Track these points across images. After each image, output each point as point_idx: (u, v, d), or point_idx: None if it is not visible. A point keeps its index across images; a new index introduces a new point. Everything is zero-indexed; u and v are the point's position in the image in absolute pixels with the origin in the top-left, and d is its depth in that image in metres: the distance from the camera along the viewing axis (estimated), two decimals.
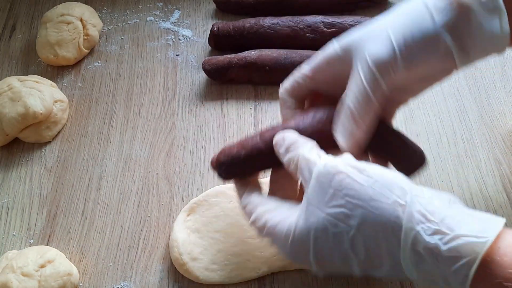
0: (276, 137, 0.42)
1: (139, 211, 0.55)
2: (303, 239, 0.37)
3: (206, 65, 0.63)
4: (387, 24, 0.40)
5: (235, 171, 0.46)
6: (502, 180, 0.54)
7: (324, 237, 0.36)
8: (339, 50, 0.42)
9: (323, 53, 0.43)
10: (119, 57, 0.68)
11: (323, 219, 0.36)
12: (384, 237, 0.34)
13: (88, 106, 0.64)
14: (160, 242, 0.52)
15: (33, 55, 0.69)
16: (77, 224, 0.54)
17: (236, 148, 0.45)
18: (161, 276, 0.50)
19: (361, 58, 0.40)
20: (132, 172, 0.58)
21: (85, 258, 0.52)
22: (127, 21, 0.72)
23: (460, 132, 0.58)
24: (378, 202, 0.34)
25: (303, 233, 0.37)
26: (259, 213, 0.41)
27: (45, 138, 0.60)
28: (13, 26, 0.73)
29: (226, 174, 0.46)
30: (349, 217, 0.35)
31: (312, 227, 0.36)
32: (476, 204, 0.53)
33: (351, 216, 0.35)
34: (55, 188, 0.57)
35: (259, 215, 0.40)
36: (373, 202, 0.34)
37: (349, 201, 0.35)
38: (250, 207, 0.42)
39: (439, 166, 0.56)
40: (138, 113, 0.63)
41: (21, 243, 0.53)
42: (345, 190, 0.35)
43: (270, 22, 0.65)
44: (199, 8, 0.73)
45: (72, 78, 0.67)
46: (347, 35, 0.42)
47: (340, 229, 0.35)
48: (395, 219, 0.34)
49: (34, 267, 0.47)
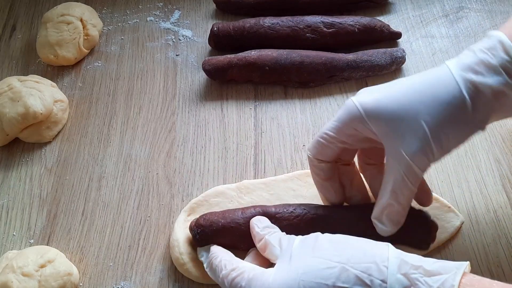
0: (253, 219, 0.46)
1: (139, 211, 0.55)
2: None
3: (206, 65, 0.63)
4: (418, 106, 0.40)
5: (210, 238, 0.48)
6: (502, 180, 0.54)
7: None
8: (364, 116, 0.41)
9: (344, 115, 0.43)
10: (119, 57, 0.69)
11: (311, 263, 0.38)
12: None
13: (88, 106, 0.64)
14: (160, 242, 0.52)
15: (33, 55, 0.69)
16: (77, 224, 0.54)
17: (216, 216, 0.48)
18: (161, 276, 0.50)
19: (395, 153, 0.40)
20: (132, 172, 0.58)
21: (85, 258, 0.52)
22: (127, 21, 0.72)
23: None
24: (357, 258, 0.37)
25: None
26: (236, 264, 0.42)
27: (45, 138, 0.60)
28: (13, 26, 0.73)
29: (201, 238, 0.48)
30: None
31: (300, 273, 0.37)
32: (476, 204, 0.53)
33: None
34: (55, 188, 0.57)
35: (237, 266, 0.41)
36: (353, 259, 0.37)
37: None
38: (225, 258, 0.44)
39: (439, 166, 0.56)
40: (138, 113, 0.63)
41: (21, 243, 0.53)
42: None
43: (270, 22, 0.65)
44: (199, 8, 0.73)
45: (72, 78, 0.67)
46: (369, 97, 0.42)
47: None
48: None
49: (34, 267, 0.47)
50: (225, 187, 0.54)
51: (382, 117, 0.40)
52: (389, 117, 0.40)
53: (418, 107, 0.39)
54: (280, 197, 0.53)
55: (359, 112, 0.41)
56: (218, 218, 0.48)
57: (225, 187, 0.54)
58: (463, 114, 0.39)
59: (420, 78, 0.41)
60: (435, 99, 0.39)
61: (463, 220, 0.51)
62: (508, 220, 0.51)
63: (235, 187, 0.54)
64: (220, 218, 0.48)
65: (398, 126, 0.40)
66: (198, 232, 0.48)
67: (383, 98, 0.41)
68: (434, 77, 0.40)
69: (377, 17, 0.68)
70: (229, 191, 0.53)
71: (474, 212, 0.52)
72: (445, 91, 0.39)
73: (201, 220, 0.48)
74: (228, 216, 0.48)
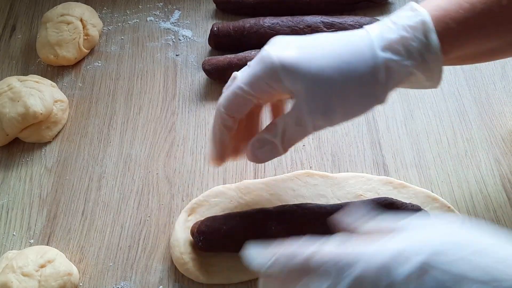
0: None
1: (139, 211, 0.55)
2: None
3: (206, 65, 0.63)
4: (334, 73, 0.40)
5: (213, 244, 0.48)
6: (502, 180, 0.54)
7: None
8: (281, 73, 0.40)
9: (261, 70, 0.41)
10: (119, 57, 0.68)
11: None
12: None
13: (88, 106, 0.64)
14: (160, 242, 0.52)
15: (33, 55, 0.69)
16: (77, 224, 0.54)
17: (218, 223, 0.48)
18: (161, 276, 0.50)
19: (299, 110, 0.41)
20: (132, 172, 0.58)
21: (85, 258, 0.52)
22: (127, 21, 0.72)
23: (460, 132, 0.58)
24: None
25: None
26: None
27: (45, 138, 0.60)
28: (13, 26, 0.73)
29: (203, 245, 0.48)
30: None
31: None
32: (476, 204, 0.53)
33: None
34: (55, 188, 0.57)
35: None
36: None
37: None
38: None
39: (439, 166, 0.56)
40: (138, 113, 0.63)
41: (21, 243, 0.53)
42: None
43: (270, 22, 0.65)
44: (199, 8, 0.73)
45: (72, 78, 0.67)
46: (289, 53, 0.40)
47: None
48: None
49: (34, 267, 0.47)
50: (225, 187, 0.54)
51: (300, 77, 0.40)
52: (306, 77, 0.40)
53: (334, 74, 0.39)
54: (280, 197, 0.53)
55: (276, 69, 0.40)
56: (220, 225, 0.48)
57: (225, 187, 0.54)
58: (373, 89, 0.40)
59: (342, 43, 0.40)
60: (352, 70, 0.39)
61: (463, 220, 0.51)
62: (508, 219, 0.51)
63: (235, 187, 0.54)
64: (221, 224, 0.48)
65: (312, 88, 0.40)
66: (200, 239, 0.48)
67: (303, 57, 0.40)
68: (356, 47, 0.40)
69: (377, 17, 0.68)
70: (229, 191, 0.53)
71: (474, 212, 0.52)
72: (363, 65, 0.39)
73: (203, 226, 0.48)
74: (229, 222, 0.48)
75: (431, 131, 0.59)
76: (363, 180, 0.54)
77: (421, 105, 0.61)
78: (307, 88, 0.40)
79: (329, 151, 0.58)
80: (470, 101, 0.61)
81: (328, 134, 0.59)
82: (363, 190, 0.53)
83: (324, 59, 0.40)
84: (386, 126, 0.59)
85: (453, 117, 0.60)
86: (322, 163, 0.57)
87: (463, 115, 0.60)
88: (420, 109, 0.61)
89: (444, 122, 0.59)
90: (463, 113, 0.60)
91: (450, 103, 0.61)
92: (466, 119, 0.59)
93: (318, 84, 0.39)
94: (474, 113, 0.60)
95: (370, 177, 0.54)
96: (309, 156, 0.57)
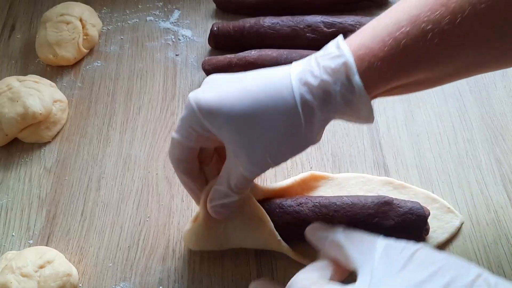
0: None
1: (139, 211, 0.55)
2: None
3: (206, 65, 0.63)
4: (253, 117, 0.38)
5: None
6: (502, 180, 0.54)
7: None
8: (200, 115, 0.39)
9: (185, 114, 0.41)
10: (118, 57, 0.68)
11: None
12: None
13: (87, 106, 0.64)
14: (160, 243, 0.52)
15: (32, 55, 0.69)
16: (77, 224, 0.54)
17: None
18: (161, 276, 0.50)
19: (230, 157, 0.41)
20: (131, 172, 0.58)
21: (84, 259, 0.52)
22: (127, 21, 0.72)
23: (461, 132, 0.58)
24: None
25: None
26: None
27: (44, 138, 0.60)
28: (13, 26, 0.73)
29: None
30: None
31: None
32: (477, 204, 0.53)
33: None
34: (54, 189, 0.57)
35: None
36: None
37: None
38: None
39: (439, 166, 0.56)
40: (138, 113, 0.63)
41: (21, 244, 0.53)
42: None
43: (270, 22, 0.65)
44: (199, 8, 0.73)
45: (71, 78, 0.67)
46: (207, 94, 0.40)
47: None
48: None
49: (34, 267, 0.47)
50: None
51: (218, 120, 0.39)
52: (225, 120, 0.39)
53: (251, 116, 0.38)
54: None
55: (195, 112, 0.39)
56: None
57: None
58: (296, 131, 0.39)
59: (262, 85, 0.39)
60: (270, 113, 0.38)
61: (463, 220, 0.51)
62: (509, 220, 0.51)
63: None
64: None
65: (230, 131, 0.39)
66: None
67: (219, 99, 0.39)
68: (276, 90, 0.38)
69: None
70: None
71: (475, 212, 0.52)
72: (283, 108, 0.38)
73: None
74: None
75: (431, 131, 0.59)
76: (363, 180, 0.54)
77: (422, 105, 0.61)
78: (228, 131, 0.39)
79: (330, 151, 0.58)
80: (470, 101, 0.61)
81: (328, 135, 0.59)
82: (364, 190, 0.53)
83: (240, 101, 0.39)
84: (387, 126, 0.59)
85: (454, 117, 0.60)
86: (322, 164, 0.57)
87: (464, 115, 0.60)
88: (420, 109, 0.60)
89: (444, 122, 0.59)
90: (463, 113, 0.60)
91: (450, 103, 0.61)
92: (467, 119, 0.59)
93: (237, 127, 0.39)
94: (475, 113, 0.60)
95: (370, 178, 0.54)
96: (309, 156, 0.57)
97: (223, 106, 0.38)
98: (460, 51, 0.37)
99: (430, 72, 0.38)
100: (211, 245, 0.48)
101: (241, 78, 0.41)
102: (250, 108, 0.38)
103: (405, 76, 0.38)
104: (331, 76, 0.38)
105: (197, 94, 0.40)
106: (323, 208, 0.48)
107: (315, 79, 0.38)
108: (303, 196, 0.50)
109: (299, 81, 0.38)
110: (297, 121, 0.38)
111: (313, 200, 0.49)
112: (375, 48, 0.37)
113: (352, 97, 0.37)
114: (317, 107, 0.38)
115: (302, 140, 0.39)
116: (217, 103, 0.39)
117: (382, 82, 0.38)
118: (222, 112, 0.38)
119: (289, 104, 0.38)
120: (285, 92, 0.38)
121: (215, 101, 0.39)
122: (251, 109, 0.38)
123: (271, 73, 0.40)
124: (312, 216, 0.47)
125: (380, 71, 0.37)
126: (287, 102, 0.38)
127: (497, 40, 0.36)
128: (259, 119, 0.38)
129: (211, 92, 0.40)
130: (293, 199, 0.49)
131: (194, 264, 0.50)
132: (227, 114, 0.38)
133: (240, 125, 0.38)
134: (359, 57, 0.37)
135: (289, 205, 0.48)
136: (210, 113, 0.39)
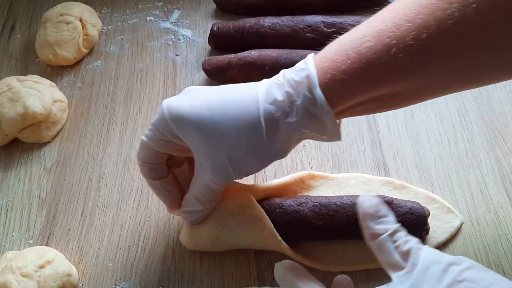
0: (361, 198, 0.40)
1: (139, 211, 0.55)
2: None
3: (206, 65, 0.63)
4: (220, 128, 0.39)
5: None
6: (502, 180, 0.54)
7: None
8: (169, 121, 0.40)
9: (156, 119, 0.42)
10: (118, 57, 0.68)
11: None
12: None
13: (87, 106, 0.64)
14: (160, 243, 0.52)
15: (32, 55, 0.69)
16: (77, 224, 0.54)
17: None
18: (161, 277, 0.50)
19: (198, 166, 0.42)
20: (131, 172, 0.57)
21: (84, 259, 0.52)
22: (127, 21, 0.72)
23: (461, 132, 0.58)
24: None
25: None
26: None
27: (44, 138, 0.60)
28: (13, 26, 0.73)
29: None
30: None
31: None
32: (477, 204, 0.53)
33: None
34: (54, 189, 0.57)
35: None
36: None
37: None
38: None
39: (439, 166, 0.56)
40: (138, 113, 0.63)
41: (21, 244, 0.53)
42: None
43: (270, 22, 0.65)
44: (199, 8, 0.73)
45: (71, 78, 0.67)
46: (180, 101, 0.41)
47: None
48: None
49: (34, 267, 0.47)
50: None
51: (187, 129, 0.40)
52: (195, 129, 0.39)
53: (219, 128, 0.39)
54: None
55: (166, 118, 0.40)
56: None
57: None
58: (261, 145, 0.39)
59: (233, 96, 0.40)
60: (237, 125, 0.39)
61: (462, 220, 0.51)
62: (509, 220, 0.51)
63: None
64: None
65: (198, 140, 0.40)
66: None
67: (190, 108, 0.40)
68: (244, 101, 0.40)
69: None
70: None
71: (475, 212, 0.52)
72: (248, 121, 0.39)
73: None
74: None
75: (431, 131, 0.59)
76: (363, 180, 0.54)
77: (422, 105, 0.61)
78: (195, 138, 0.40)
79: (329, 151, 0.58)
80: (470, 101, 0.61)
81: None
82: (364, 190, 0.53)
83: (209, 110, 0.40)
84: (387, 126, 0.59)
85: (454, 117, 0.60)
86: (322, 163, 0.57)
87: (464, 115, 0.60)
88: (420, 109, 0.60)
89: (444, 122, 0.59)
90: (463, 113, 0.60)
91: (450, 103, 0.61)
92: (467, 119, 0.59)
93: (203, 135, 0.39)
94: (475, 113, 0.60)
95: (370, 178, 0.54)
96: (309, 156, 0.57)
97: (192, 114, 0.39)
98: (424, 66, 0.37)
99: (395, 87, 0.38)
100: (210, 245, 0.48)
101: (216, 90, 0.42)
102: (217, 117, 0.39)
103: (368, 90, 0.38)
104: (293, 88, 0.38)
105: (171, 101, 0.41)
106: (323, 208, 0.48)
107: (280, 91, 0.39)
108: (303, 196, 0.50)
109: (266, 93, 0.39)
110: (260, 132, 0.39)
111: (313, 200, 0.49)
112: (338, 60, 0.37)
113: (314, 109, 0.38)
114: (280, 119, 0.38)
115: (265, 152, 0.40)
116: (187, 110, 0.40)
117: (346, 95, 0.38)
118: (190, 119, 0.39)
119: (253, 115, 0.39)
120: (250, 103, 0.39)
121: (186, 108, 0.40)
122: (218, 118, 0.39)
123: (244, 86, 0.41)
124: (312, 216, 0.47)
125: (343, 84, 0.37)
126: (252, 113, 0.39)
127: (464, 55, 0.36)
128: (226, 129, 0.39)
129: (184, 100, 0.41)
130: (293, 199, 0.49)
131: (194, 264, 0.50)
132: (195, 121, 0.39)
133: (207, 133, 0.39)
134: (322, 69, 0.38)
135: (289, 205, 0.48)
136: (180, 119, 0.40)
